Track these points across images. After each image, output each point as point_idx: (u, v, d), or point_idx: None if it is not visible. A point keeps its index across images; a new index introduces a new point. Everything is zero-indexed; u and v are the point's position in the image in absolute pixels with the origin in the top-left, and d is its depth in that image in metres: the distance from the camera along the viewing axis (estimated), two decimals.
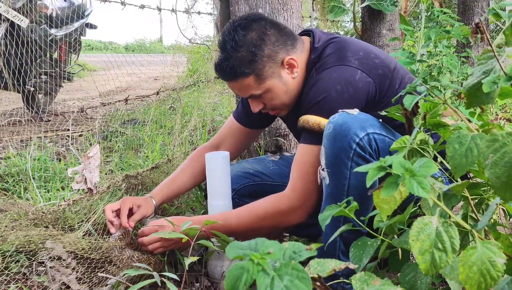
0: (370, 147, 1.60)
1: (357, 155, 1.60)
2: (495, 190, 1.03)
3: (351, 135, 1.59)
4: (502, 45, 1.04)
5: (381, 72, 1.85)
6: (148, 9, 3.72)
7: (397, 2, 4.15)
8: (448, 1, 9.31)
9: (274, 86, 1.88)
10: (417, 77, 3.65)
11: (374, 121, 1.65)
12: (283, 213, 1.82)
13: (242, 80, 1.86)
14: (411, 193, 0.99)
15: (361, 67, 1.81)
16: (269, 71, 1.85)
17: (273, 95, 1.90)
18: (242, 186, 2.23)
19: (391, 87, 1.86)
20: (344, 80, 1.78)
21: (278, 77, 1.87)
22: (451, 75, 3.94)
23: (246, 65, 1.83)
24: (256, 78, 1.85)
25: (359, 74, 1.80)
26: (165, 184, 2.18)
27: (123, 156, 3.43)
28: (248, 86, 1.87)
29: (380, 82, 1.83)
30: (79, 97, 7.55)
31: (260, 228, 1.86)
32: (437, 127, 1.35)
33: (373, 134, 1.61)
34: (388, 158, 1.03)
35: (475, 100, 1.08)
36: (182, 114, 4.14)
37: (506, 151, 1.02)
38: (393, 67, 1.89)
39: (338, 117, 1.63)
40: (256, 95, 1.89)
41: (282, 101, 1.92)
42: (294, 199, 1.81)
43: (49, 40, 5.11)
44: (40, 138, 3.99)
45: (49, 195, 2.55)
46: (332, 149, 1.62)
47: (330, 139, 1.63)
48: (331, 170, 1.64)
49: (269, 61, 1.85)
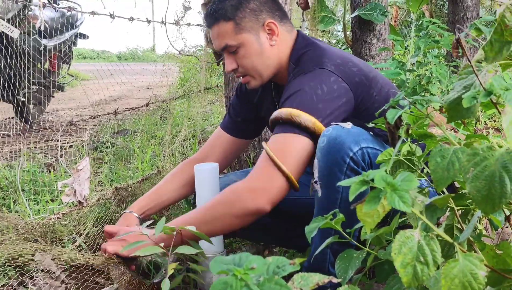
0: (364, 161, 1.62)
1: (350, 169, 1.61)
2: (476, 203, 1.04)
3: (345, 149, 1.61)
4: (481, 61, 1.06)
5: (358, 80, 1.86)
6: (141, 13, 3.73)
7: (387, 12, 4.17)
8: (438, 10, 9.37)
9: (249, 42, 1.91)
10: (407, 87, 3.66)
11: (367, 135, 1.67)
12: (239, 193, 1.73)
13: (222, 25, 1.90)
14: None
15: (337, 72, 1.83)
16: (248, 25, 1.90)
17: (246, 52, 1.92)
18: None
19: (368, 95, 1.88)
20: (318, 79, 1.81)
21: (256, 35, 1.92)
22: (441, 85, 3.96)
23: (229, 10, 1.89)
24: (234, 26, 1.90)
25: (334, 77, 1.81)
26: (147, 196, 2.14)
27: (113, 167, 3.43)
28: (225, 33, 1.91)
29: (357, 89, 1.84)
30: (71, 107, 7.54)
31: (216, 214, 1.74)
32: (423, 138, 1.37)
33: (367, 148, 1.63)
34: (370, 172, 1.05)
35: (456, 114, 1.10)
36: (173, 124, 4.15)
37: (486, 165, 1.03)
38: (372, 76, 1.91)
39: (332, 131, 1.64)
40: (231, 46, 1.91)
41: (254, 64, 1.93)
42: (252, 179, 1.74)
43: (40, 50, 5.11)
44: (30, 149, 3.99)
45: (39, 208, 2.55)
46: (326, 163, 1.63)
47: (324, 153, 1.64)
48: (324, 183, 1.65)
49: (251, 14, 1.91)
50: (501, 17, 1.02)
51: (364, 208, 1.01)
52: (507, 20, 1.01)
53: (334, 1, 8.95)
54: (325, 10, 4.29)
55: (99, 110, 6.18)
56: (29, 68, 5.18)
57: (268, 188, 1.70)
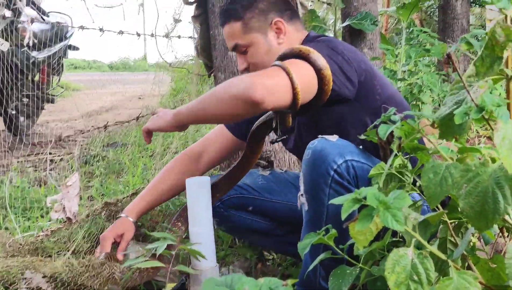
0: (348, 174, 1.60)
1: (335, 182, 1.60)
2: (470, 220, 1.04)
3: (329, 161, 1.59)
4: (472, 76, 1.05)
5: (364, 66, 1.83)
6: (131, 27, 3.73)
7: (377, 22, 4.18)
8: (428, 18, 9.42)
9: (257, 41, 1.93)
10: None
11: (353, 148, 1.66)
12: (241, 78, 1.63)
13: (232, 24, 1.93)
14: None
15: (345, 51, 1.80)
16: (257, 24, 1.92)
17: (254, 51, 1.93)
18: (229, 197, 2.20)
19: (372, 86, 1.85)
20: (327, 43, 1.79)
21: (264, 34, 1.93)
22: (432, 93, 3.97)
23: (239, 10, 1.92)
24: (243, 26, 1.92)
25: (341, 48, 1.78)
26: (143, 198, 2.14)
27: (104, 181, 3.41)
28: (234, 33, 1.93)
29: (361, 73, 1.81)
30: (62, 118, 7.51)
31: (217, 94, 1.68)
32: (415, 151, 1.36)
33: (351, 161, 1.61)
34: (363, 190, 1.04)
35: (448, 130, 1.09)
36: (164, 136, 4.13)
37: (479, 181, 1.03)
38: (377, 72, 1.92)
39: (317, 143, 1.63)
40: (241, 46, 1.93)
41: (264, 63, 1.90)
42: (257, 73, 1.66)
43: (30, 63, 5.09)
44: (20, 163, 3.96)
45: (29, 224, 2.52)
46: (311, 175, 1.62)
47: (309, 165, 1.63)
48: (310, 196, 1.64)
49: (260, 14, 1.93)
50: (492, 33, 1.01)
51: (356, 226, 1.00)
52: (497, 35, 1.00)
53: (325, 9, 8.97)
54: (316, 20, 4.28)
55: (90, 121, 6.15)
56: (20, 81, 5.15)
57: (270, 82, 1.56)
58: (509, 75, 1.06)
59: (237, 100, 1.57)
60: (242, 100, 1.55)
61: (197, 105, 1.72)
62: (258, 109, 1.56)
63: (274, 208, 2.22)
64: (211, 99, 1.67)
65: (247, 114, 1.65)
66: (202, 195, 2.03)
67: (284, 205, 2.22)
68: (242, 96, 1.54)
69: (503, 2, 1.01)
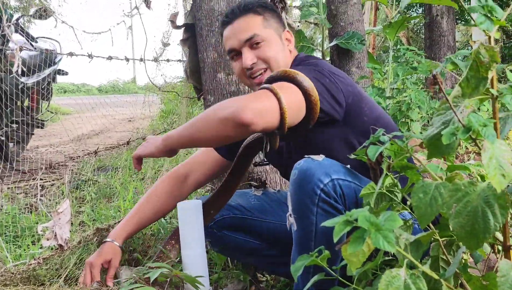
0: (335, 193, 1.61)
1: (322, 201, 1.60)
2: (460, 239, 1.04)
3: (315, 181, 1.60)
4: (459, 97, 1.06)
5: (351, 89, 1.85)
6: (120, 51, 3.74)
7: (364, 41, 4.23)
8: (415, 36, 9.52)
9: (274, 38, 1.98)
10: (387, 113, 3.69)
11: (339, 167, 1.66)
12: (230, 101, 1.66)
13: (252, 16, 1.98)
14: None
15: (332, 74, 1.82)
16: (275, 25, 2.01)
17: (270, 45, 1.97)
18: (222, 217, 2.20)
19: (359, 108, 1.87)
20: (314, 67, 1.84)
21: (279, 36, 2.01)
22: (420, 110, 4.00)
23: (259, 7, 2.00)
24: (263, 20, 1.98)
25: (328, 74, 1.81)
26: (129, 222, 2.13)
27: (96, 205, 3.39)
28: (254, 24, 1.97)
29: (348, 96, 1.83)
30: (52, 143, 7.49)
31: (206, 117, 1.69)
32: (404, 170, 1.37)
33: (338, 180, 1.62)
34: (354, 212, 1.04)
35: (436, 150, 1.10)
36: (155, 159, 4.12)
37: (468, 200, 1.04)
38: (364, 95, 1.94)
39: (303, 163, 1.64)
40: (258, 36, 1.95)
41: (276, 56, 1.96)
42: (246, 96, 1.69)
43: (19, 89, 5.08)
44: (11, 189, 3.93)
45: (20, 252, 2.50)
46: (298, 195, 1.63)
47: (295, 185, 1.64)
48: (298, 215, 1.64)
49: (277, 17, 2.04)
50: (476, 54, 1.03)
51: (349, 249, 1.00)
52: (482, 56, 1.02)
53: (312, 29, 9.05)
54: (304, 40, 4.32)
55: (80, 145, 6.13)
56: (9, 106, 5.14)
57: (259, 105, 1.58)
58: (495, 95, 1.07)
59: (227, 123, 1.58)
60: (231, 122, 1.57)
61: (187, 129, 1.72)
62: (247, 131, 1.58)
63: (267, 228, 2.23)
64: (201, 123, 1.69)
65: (237, 137, 1.66)
66: (194, 218, 2.03)
67: (277, 225, 2.22)
68: (232, 119, 1.56)
69: (486, 24, 1.03)
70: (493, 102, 1.10)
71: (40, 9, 3.86)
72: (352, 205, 1.63)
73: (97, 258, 1.99)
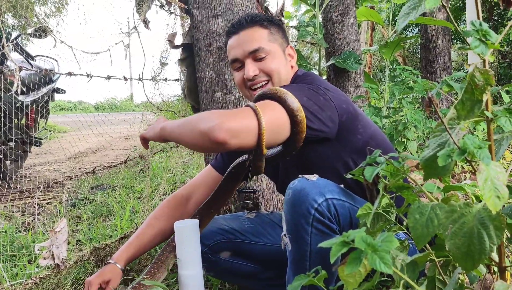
0: (329, 213, 1.61)
1: (316, 221, 1.61)
2: (457, 260, 1.05)
3: (309, 200, 1.61)
4: (454, 119, 1.08)
5: (345, 107, 1.87)
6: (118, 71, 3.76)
7: (361, 60, 4.26)
8: (411, 55, 9.58)
9: (278, 53, 2.03)
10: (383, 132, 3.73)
11: (333, 187, 1.67)
12: (214, 113, 1.65)
13: (258, 29, 2.03)
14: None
15: (327, 92, 1.84)
16: (279, 40, 2.06)
17: (274, 59, 2.01)
18: (216, 242, 2.20)
19: (353, 126, 1.89)
20: (308, 86, 1.85)
21: (283, 51, 2.06)
22: (417, 130, 4.02)
23: (268, 21, 2.06)
24: (269, 34, 2.03)
25: (323, 93, 1.82)
26: (131, 245, 2.12)
27: (92, 224, 3.38)
28: (260, 37, 2.02)
29: (342, 113, 1.85)
30: (49, 161, 7.47)
31: (192, 122, 1.68)
32: (400, 190, 1.37)
33: (332, 200, 1.63)
34: (351, 233, 1.04)
35: (432, 171, 1.11)
36: (152, 176, 4.12)
37: (464, 221, 1.04)
38: (359, 112, 1.95)
39: (297, 183, 1.65)
40: (263, 49, 1.99)
41: (279, 69, 2.00)
42: (228, 111, 1.70)
43: (17, 107, 5.09)
44: (7, 208, 3.92)
45: (16, 271, 2.49)
46: (292, 215, 1.64)
47: (289, 205, 1.64)
48: (292, 235, 1.64)
49: (282, 33, 2.09)
50: (471, 77, 1.04)
51: (346, 269, 1.01)
52: (476, 79, 1.03)
53: (309, 48, 9.10)
54: (301, 60, 4.36)
55: (77, 164, 6.12)
56: (6, 125, 5.14)
57: (237, 124, 1.58)
58: (490, 118, 1.09)
59: (203, 137, 1.59)
60: (207, 137, 1.57)
61: (178, 128, 1.73)
62: (222, 148, 1.59)
63: (262, 250, 2.23)
64: (186, 129, 1.69)
65: (214, 150, 1.73)
66: (191, 238, 2.02)
67: (272, 247, 2.22)
68: (207, 135, 1.57)
69: (480, 48, 1.04)
70: (488, 124, 1.11)
71: (40, 29, 3.87)
72: (347, 225, 1.64)
73: (96, 277, 1.99)
